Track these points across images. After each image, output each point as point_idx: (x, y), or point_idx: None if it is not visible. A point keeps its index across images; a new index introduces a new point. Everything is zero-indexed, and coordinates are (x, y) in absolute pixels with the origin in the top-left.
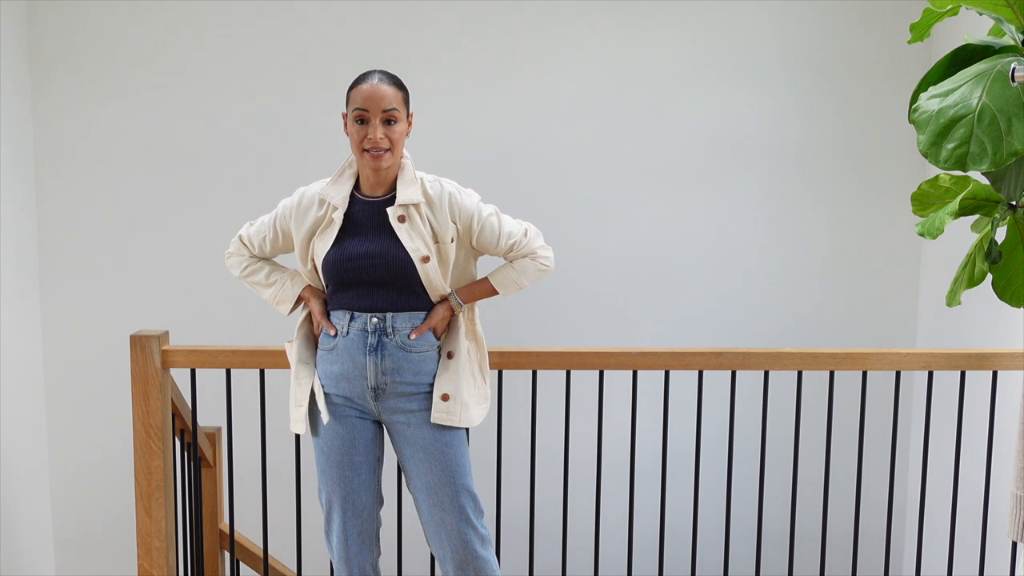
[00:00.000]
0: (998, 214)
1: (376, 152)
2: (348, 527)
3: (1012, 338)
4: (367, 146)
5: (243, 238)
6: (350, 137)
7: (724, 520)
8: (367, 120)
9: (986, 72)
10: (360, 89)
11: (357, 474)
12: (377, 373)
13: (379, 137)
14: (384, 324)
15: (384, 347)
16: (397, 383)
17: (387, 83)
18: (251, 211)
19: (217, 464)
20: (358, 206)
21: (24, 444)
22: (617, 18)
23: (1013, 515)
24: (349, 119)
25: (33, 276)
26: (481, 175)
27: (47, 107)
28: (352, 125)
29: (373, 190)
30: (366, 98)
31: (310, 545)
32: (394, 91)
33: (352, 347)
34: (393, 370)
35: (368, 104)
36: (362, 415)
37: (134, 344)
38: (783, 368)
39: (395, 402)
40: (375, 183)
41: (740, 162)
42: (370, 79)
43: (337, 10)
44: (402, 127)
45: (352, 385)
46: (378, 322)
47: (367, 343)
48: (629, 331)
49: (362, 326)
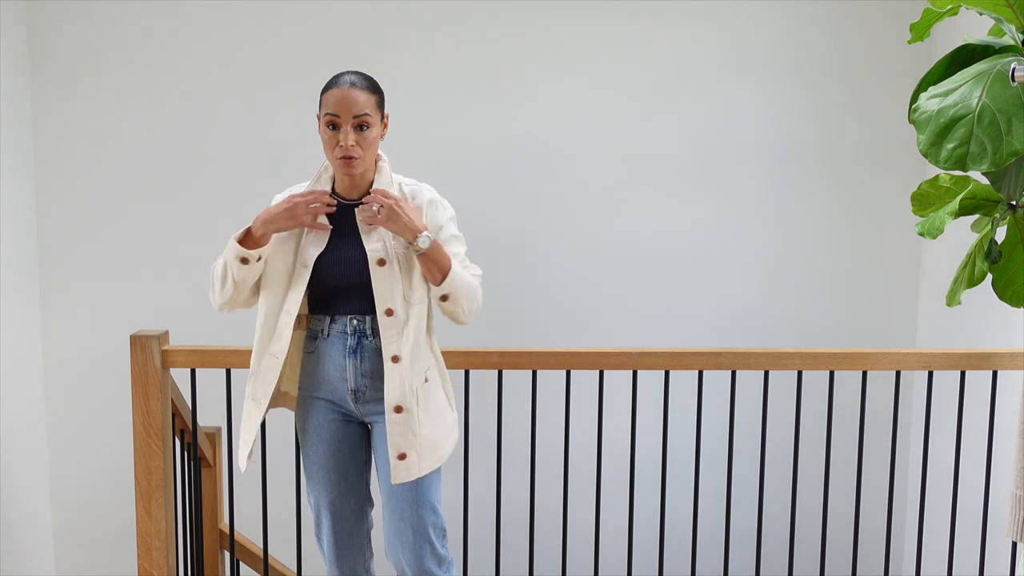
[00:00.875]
0: (998, 214)
1: (347, 158)
2: (337, 530)
3: (1012, 338)
4: (339, 153)
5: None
6: (323, 142)
7: (724, 520)
8: (338, 126)
9: (986, 72)
10: (331, 94)
11: (343, 478)
12: (356, 375)
13: (350, 144)
14: (363, 326)
15: (363, 349)
16: (377, 385)
17: (359, 87)
18: (251, 211)
19: (217, 464)
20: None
21: (24, 444)
22: (617, 18)
23: (1013, 515)
24: (321, 123)
25: (33, 276)
26: (481, 176)
27: (47, 107)
28: (324, 130)
29: (348, 193)
30: (337, 103)
31: (310, 545)
32: (366, 96)
33: (332, 349)
34: (372, 373)
35: (339, 109)
36: (346, 418)
37: (134, 344)
38: (783, 368)
39: (375, 405)
40: (350, 186)
41: (740, 162)
42: (341, 83)
43: (337, 10)
44: (375, 132)
45: (333, 388)
46: (357, 324)
47: (346, 345)
48: (629, 331)
49: (342, 328)
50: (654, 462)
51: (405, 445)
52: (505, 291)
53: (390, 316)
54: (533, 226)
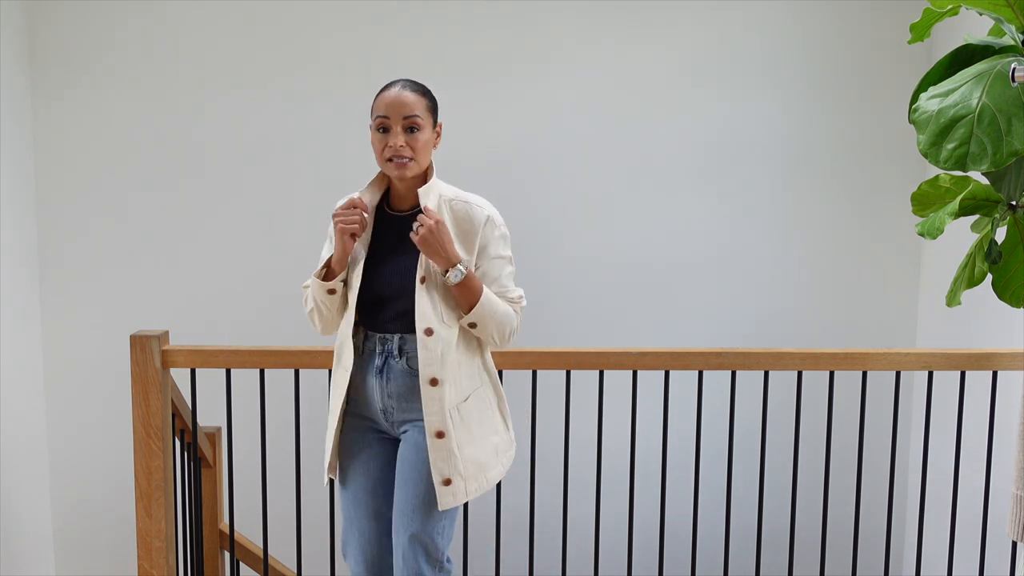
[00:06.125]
0: (998, 214)
1: (399, 160)
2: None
3: (1012, 338)
4: (388, 155)
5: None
6: (374, 147)
7: (724, 520)
8: (388, 128)
9: (986, 72)
10: (382, 97)
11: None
12: (383, 396)
13: (400, 144)
14: (391, 345)
15: (390, 370)
16: (404, 407)
17: (410, 90)
18: (251, 211)
19: (217, 464)
20: (381, 218)
21: (24, 444)
22: (617, 19)
23: (1013, 515)
24: (372, 129)
25: (33, 276)
26: (481, 177)
27: (47, 107)
28: (375, 134)
29: (400, 203)
30: (387, 105)
31: (310, 545)
32: (416, 98)
33: (365, 366)
34: (399, 395)
35: (389, 111)
36: (380, 434)
37: (134, 344)
38: (783, 368)
39: (405, 424)
40: (402, 195)
41: (740, 162)
42: (393, 87)
43: (338, 11)
44: (426, 136)
45: (367, 405)
46: (385, 341)
47: (374, 364)
48: (629, 331)
49: (373, 346)
50: (654, 462)
51: (449, 470)
52: None
53: (429, 336)
54: (533, 226)
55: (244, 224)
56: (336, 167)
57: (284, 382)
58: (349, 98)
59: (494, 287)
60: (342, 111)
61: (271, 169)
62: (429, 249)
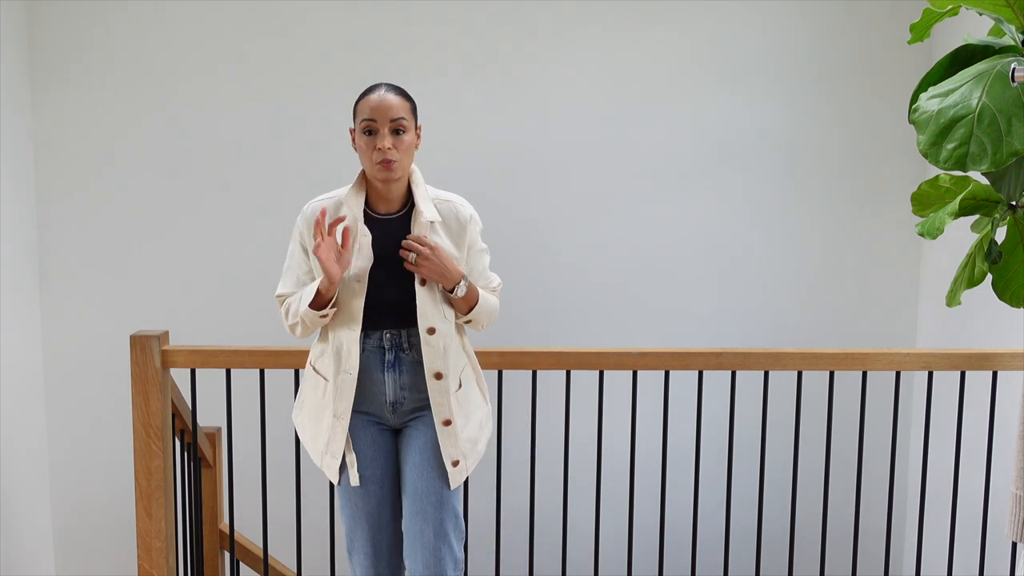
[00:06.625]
0: (998, 214)
1: (386, 161)
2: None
3: (1012, 338)
4: (376, 158)
5: (281, 296)
6: (359, 151)
7: (724, 520)
8: (375, 131)
9: (986, 72)
10: (367, 100)
11: (380, 487)
12: (396, 388)
13: (388, 146)
14: (400, 339)
15: (401, 363)
16: (416, 397)
17: (394, 93)
18: (250, 211)
19: (217, 464)
20: (370, 223)
21: (24, 444)
22: (616, 19)
23: (1013, 515)
24: (357, 132)
25: (33, 276)
26: (480, 177)
27: (47, 108)
28: (360, 137)
29: (387, 207)
30: (373, 108)
31: (310, 545)
32: (401, 101)
33: (369, 364)
34: (411, 386)
35: (375, 114)
36: (382, 427)
37: (134, 344)
38: (783, 368)
39: (411, 413)
40: (387, 198)
41: (740, 162)
42: (377, 90)
43: (337, 12)
44: (410, 138)
45: (371, 402)
46: (393, 337)
47: (384, 360)
48: (629, 331)
49: (377, 343)
50: (654, 462)
51: (456, 453)
52: (505, 291)
53: (432, 334)
54: (533, 226)
55: (245, 224)
56: (338, 167)
57: (284, 382)
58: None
59: (480, 280)
60: (347, 111)
61: (272, 169)
62: (432, 275)
